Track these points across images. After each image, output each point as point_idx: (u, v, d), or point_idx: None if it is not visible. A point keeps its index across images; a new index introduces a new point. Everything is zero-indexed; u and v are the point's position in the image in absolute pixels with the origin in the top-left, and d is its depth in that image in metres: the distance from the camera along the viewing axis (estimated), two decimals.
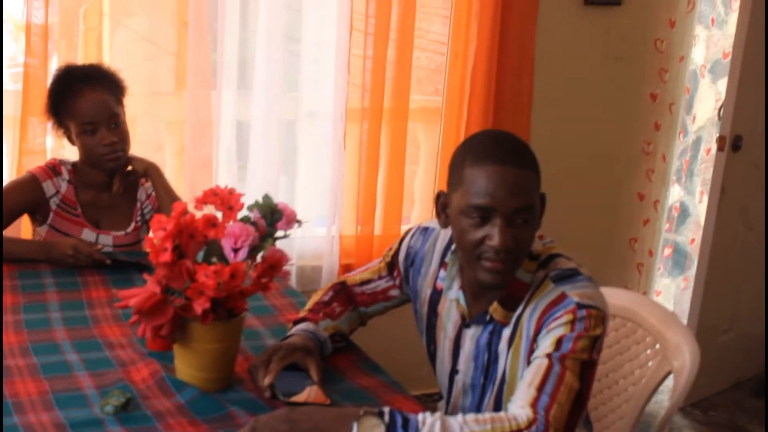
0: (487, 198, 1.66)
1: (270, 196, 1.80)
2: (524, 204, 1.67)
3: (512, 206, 1.66)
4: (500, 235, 1.65)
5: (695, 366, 1.99)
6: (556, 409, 1.58)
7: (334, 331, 1.97)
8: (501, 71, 3.44)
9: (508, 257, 1.68)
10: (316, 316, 1.97)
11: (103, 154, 2.51)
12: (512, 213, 1.66)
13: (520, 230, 1.68)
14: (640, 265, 4.05)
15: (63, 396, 1.71)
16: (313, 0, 3.23)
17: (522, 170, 1.68)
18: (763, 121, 3.62)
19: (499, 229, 1.65)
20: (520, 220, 1.68)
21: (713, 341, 3.78)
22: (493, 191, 1.65)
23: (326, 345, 1.93)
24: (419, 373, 2.61)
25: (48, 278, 2.34)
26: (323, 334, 1.93)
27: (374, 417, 1.50)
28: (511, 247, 1.67)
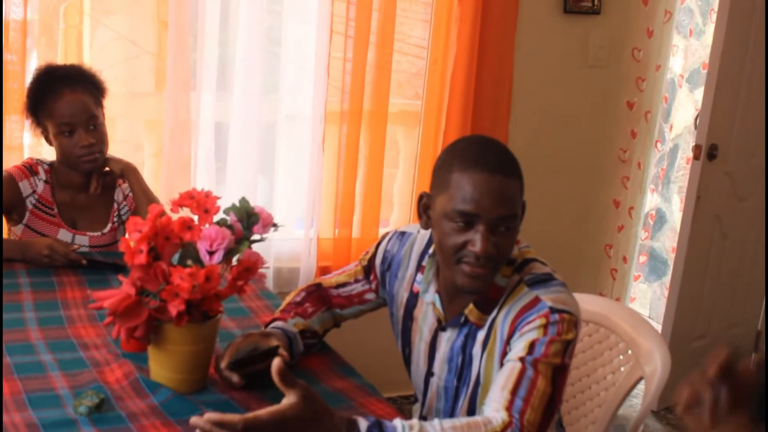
0: (472, 204, 1.67)
1: (246, 199, 1.81)
2: (508, 213, 1.69)
3: (496, 214, 1.67)
4: (482, 242, 1.67)
5: (666, 372, 2.01)
6: (530, 413, 1.59)
7: (304, 327, 1.96)
8: (480, 77, 3.45)
9: (488, 263, 1.69)
10: (286, 315, 1.97)
11: (80, 155, 2.50)
12: (496, 221, 1.68)
13: (502, 238, 1.70)
14: (614, 271, 4.08)
15: (36, 396, 1.70)
16: (294, 2, 3.24)
17: (508, 179, 1.69)
18: (738, 130, 3.65)
19: (482, 235, 1.67)
20: (502, 228, 1.69)
21: (687, 347, 3.81)
22: (479, 198, 1.67)
23: (296, 340, 1.91)
24: (394, 376, 2.62)
25: (23, 278, 2.33)
26: (293, 329, 1.93)
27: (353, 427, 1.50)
28: (492, 254, 1.68)
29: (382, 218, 3.49)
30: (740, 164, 3.72)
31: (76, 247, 2.52)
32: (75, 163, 2.52)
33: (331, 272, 2.17)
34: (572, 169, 3.88)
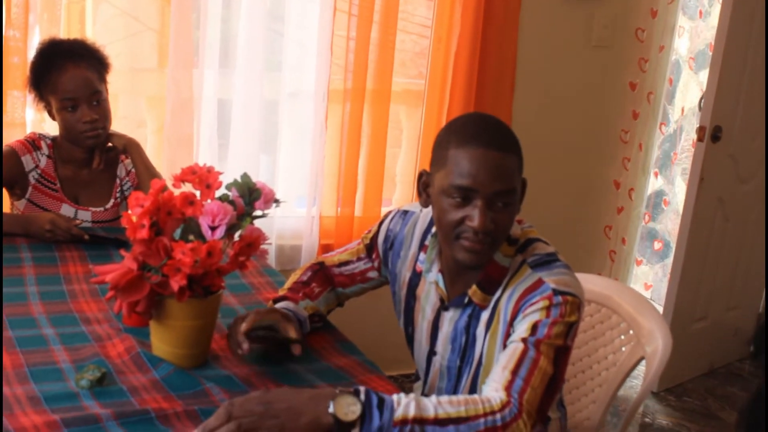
0: (469, 179, 1.67)
1: (248, 175, 1.80)
2: (505, 188, 1.68)
3: (493, 189, 1.67)
4: (480, 217, 1.67)
5: (667, 352, 2.01)
6: (530, 393, 1.59)
7: (313, 311, 1.98)
8: (484, 56, 3.45)
9: (486, 238, 1.70)
10: (295, 296, 1.97)
11: (83, 131, 2.49)
12: (493, 196, 1.68)
13: (500, 213, 1.70)
14: (613, 253, 4.08)
15: (38, 369, 1.71)
16: None
17: (505, 154, 1.69)
18: (743, 112, 3.64)
19: (480, 210, 1.67)
20: (500, 203, 1.69)
21: (688, 328, 3.82)
22: (475, 173, 1.67)
23: (305, 324, 1.93)
24: (395, 355, 2.63)
25: (25, 252, 2.33)
26: (303, 313, 1.94)
27: (350, 396, 1.51)
28: (490, 229, 1.69)
29: (385, 197, 3.49)
30: (743, 146, 3.72)
31: (79, 222, 2.51)
32: (78, 138, 2.51)
33: (333, 250, 2.17)
34: (573, 148, 3.88)
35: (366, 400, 1.50)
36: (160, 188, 1.69)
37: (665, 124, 4.31)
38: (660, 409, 3.74)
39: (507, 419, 1.55)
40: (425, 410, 1.51)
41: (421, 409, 1.51)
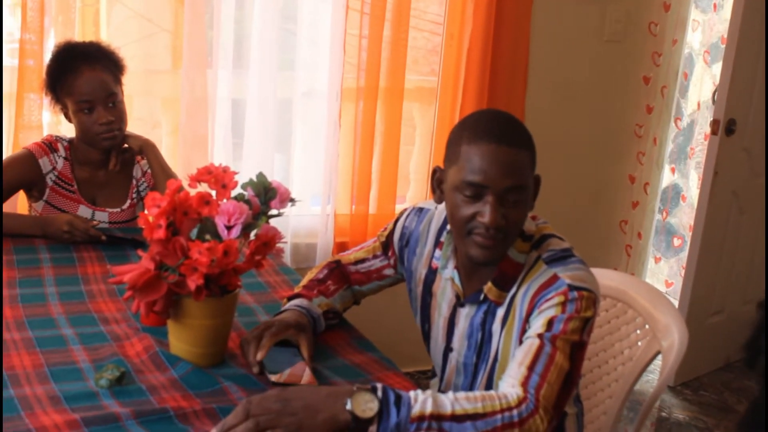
0: (480, 175, 1.67)
1: (264, 174, 1.81)
2: (516, 183, 1.68)
3: (504, 185, 1.67)
4: (491, 213, 1.67)
5: (683, 346, 2.00)
6: (546, 389, 1.59)
7: (327, 308, 1.98)
8: (496, 53, 3.44)
9: (497, 234, 1.69)
10: (310, 293, 1.98)
11: (99, 132, 2.50)
12: (504, 192, 1.67)
13: (511, 209, 1.70)
14: (629, 247, 4.07)
15: (58, 369, 1.72)
16: None
17: (517, 150, 1.69)
18: (756, 105, 3.62)
19: (491, 206, 1.67)
20: (511, 199, 1.69)
21: (704, 322, 3.81)
22: (486, 169, 1.67)
23: (319, 321, 1.94)
24: (411, 351, 2.63)
25: (44, 253, 2.35)
26: (317, 310, 1.94)
27: (368, 393, 1.51)
28: (501, 225, 1.68)
29: (399, 194, 3.50)
30: (757, 140, 3.70)
31: (96, 223, 2.53)
32: (94, 140, 2.53)
33: (349, 248, 2.17)
34: (587, 144, 3.87)
35: (383, 397, 1.50)
36: (176, 188, 1.69)
37: (680, 119, 4.30)
38: (676, 403, 3.73)
39: (524, 415, 1.55)
40: (442, 407, 1.51)
41: (438, 406, 1.51)
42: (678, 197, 4.50)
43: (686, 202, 4.42)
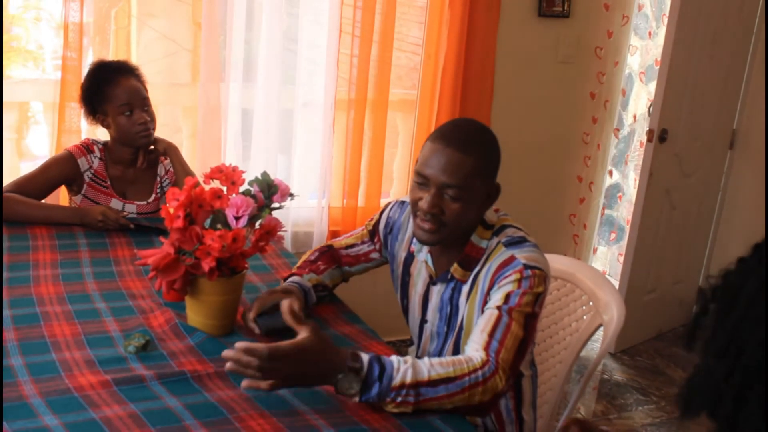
0: (424, 168, 1.70)
1: (267, 173, 1.81)
2: (453, 182, 1.68)
3: (441, 181, 1.68)
4: (428, 201, 1.69)
5: (621, 320, 2.01)
6: (504, 353, 1.60)
7: (317, 282, 1.97)
8: (467, 71, 3.44)
9: (434, 220, 1.70)
10: (302, 271, 1.99)
11: (138, 131, 2.50)
12: (442, 186, 1.69)
13: (448, 203, 1.70)
14: (576, 236, 4.08)
15: (93, 337, 1.72)
16: (309, 6, 3.21)
17: (462, 155, 1.68)
18: (685, 117, 3.64)
19: (430, 195, 1.69)
20: (448, 194, 1.69)
21: (640, 300, 3.83)
22: (430, 164, 1.69)
23: (310, 293, 1.93)
24: (392, 323, 2.63)
25: (81, 239, 2.34)
26: (307, 284, 1.94)
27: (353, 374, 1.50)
28: (435, 213, 1.70)
29: (384, 190, 3.49)
30: (686, 146, 3.72)
31: (126, 213, 2.52)
32: (134, 138, 2.51)
33: (341, 236, 2.17)
34: (543, 148, 3.88)
35: (368, 371, 1.50)
36: (193, 185, 1.69)
37: (620, 129, 4.31)
38: (616, 367, 3.75)
39: (487, 375, 1.56)
40: (420, 374, 1.52)
41: (417, 373, 1.51)
42: (617, 195, 4.52)
43: (625, 199, 4.44)
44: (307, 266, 2.01)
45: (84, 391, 1.50)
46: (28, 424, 1.38)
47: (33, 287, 1.96)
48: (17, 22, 3.28)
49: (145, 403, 1.47)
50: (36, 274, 2.04)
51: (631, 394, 3.50)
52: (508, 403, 1.90)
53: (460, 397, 1.53)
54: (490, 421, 1.90)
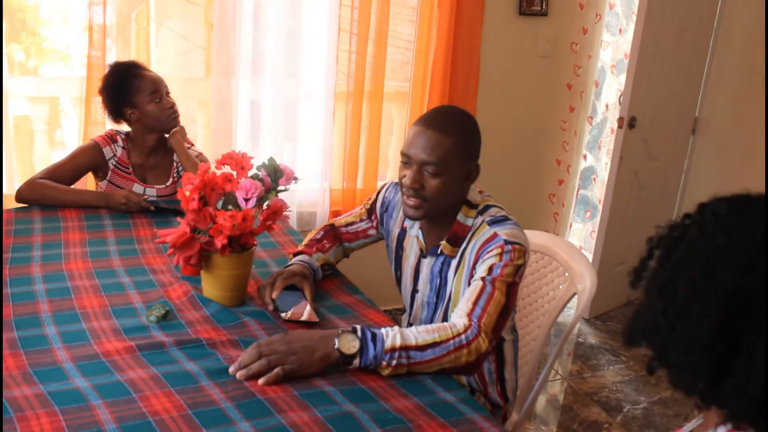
0: (407, 148, 1.71)
1: (274, 159, 1.81)
2: (432, 160, 1.68)
3: (421, 158, 1.69)
4: (409, 177, 1.70)
5: (594, 289, 2.02)
6: (486, 318, 1.61)
7: (324, 261, 1.98)
8: (455, 65, 3.43)
9: (416, 195, 1.71)
10: (310, 250, 1.98)
11: (169, 115, 2.50)
12: (422, 164, 1.69)
13: (429, 180, 1.70)
14: (556, 215, 4.09)
15: (118, 308, 1.73)
16: (311, 8, 3.19)
17: (440, 136, 1.68)
18: (652, 106, 3.63)
19: (411, 172, 1.70)
20: (429, 171, 1.70)
21: (611, 271, 3.84)
22: (412, 144, 1.70)
23: (318, 272, 1.94)
24: (388, 294, 2.64)
25: (107, 220, 2.34)
26: (316, 263, 1.95)
27: (351, 334, 1.52)
28: (416, 188, 1.70)
29: (380, 173, 3.49)
30: (653, 132, 3.71)
31: (146, 196, 2.52)
32: (165, 122, 2.51)
33: (341, 215, 2.18)
34: (524, 134, 3.87)
35: (362, 336, 1.51)
36: (206, 170, 1.69)
37: (593, 117, 4.30)
38: (590, 331, 3.77)
39: (470, 337, 1.57)
40: (408, 339, 1.52)
41: (405, 339, 1.52)
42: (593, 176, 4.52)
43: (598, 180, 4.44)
44: (314, 245, 2.01)
45: (110, 356, 1.50)
46: (61, 385, 1.39)
47: (64, 264, 1.97)
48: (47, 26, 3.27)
49: (165, 366, 1.48)
50: (67, 252, 2.05)
51: (603, 356, 3.52)
52: (490, 366, 1.91)
53: (447, 358, 1.54)
54: (475, 381, 1.92)
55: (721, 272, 0.91)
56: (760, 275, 0.89)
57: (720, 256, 0.92)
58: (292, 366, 1.47)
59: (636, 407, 3.10)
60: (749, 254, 0.90)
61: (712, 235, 0.93)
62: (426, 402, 1.44)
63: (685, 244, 0.97)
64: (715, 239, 0.93)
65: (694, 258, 0.95)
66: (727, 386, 0.90)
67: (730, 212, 0.94)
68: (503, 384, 1.94)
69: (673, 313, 0.95)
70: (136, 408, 1.33)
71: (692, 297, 0.93)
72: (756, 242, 0.90)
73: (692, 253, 0.95)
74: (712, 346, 0.91)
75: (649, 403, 3.13)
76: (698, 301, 0.92)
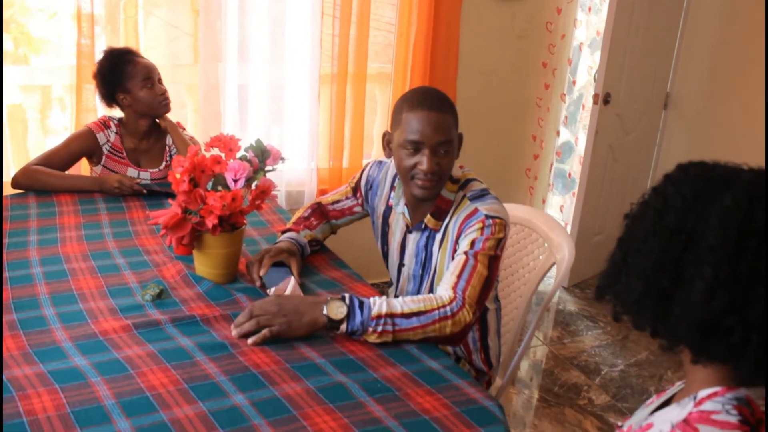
0: (418, 135, 1.67)
1: (261, 140, 1.79)
2: (444, 138, 1.68)
3: (436, 140, 1.67)
4: (428, 162, 1.68)
5: (572, 258, 2.03)
6: (470, 290, 1.61)
7: (311, 237, 1.98)
8: (435, 46, 3.40)
9: (433, 177, 1.70)
10: (298, 227, 1.98)
11: (161, 101, 2.47)
12: (436, 145, 1.68)
13: (442, 158, 1.70)
14: (531, 188, 4.09)
15: (114, 289, 1.72)
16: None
17: (443, 114, 1.69)
18: (625, 82, 3.62)
19: (427, 157, 1.68)
20: (442, 151, 1.69)
21: (589, 241, 3.85)
22: (422, 130, 1.67)
23: (306, 248, 1.94)
24: (374, 268, 2.64)
25: (101, 204, 2.32)
26: (303, 240, 1.94)
27: (339, 301, 1.52)
28: (435, 170, 1.69)
29: (365, 152, 3.47)
30: (626, 107, 3.71)
31: (140, 180, 2.49)
32: (157, 108, 2.47)
33: (328, 193, 2.17)
34: (502, 111, 3.85)
35: (350, 303, 1.52)
36: (196, 153, 1.68)
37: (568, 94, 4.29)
38: (569, 299, 3.79)
39: (455, 309, 1.57)
40: (394, 308, 1.53)
41: (391, 307, 1.52)
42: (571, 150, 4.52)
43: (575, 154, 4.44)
44: (302, 222, 2.00)
45: (108, 335, 1.50)
46: (61, 364, 1.38)
47: (60, 247, 1.95)
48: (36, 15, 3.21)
49: (161, 343, 1.47)
50: (63, 236, 2.03)
51: (581, 322, 3.55)
52: (474, 335, 1.92)
53: (432, 327, 1.54)
54: (460, 349, 1.93)
55: (666, 216, 0.99)
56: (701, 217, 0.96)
57: (666, 204, 1.00)
58: (280, 328, 1.48)
59: (613, 369, 3.13)
60: (689, 199, 0.98)
61: (661, 191, 1.03)
62: (413, 370, 1.44)
63: (643, 204, 1.06)
64: (663, 192, 1.02)
65: (646, 210, 1.03)
66: (673, 315, 0.97)
67: (680, 172, 1.02)
68: (487, 351, 1.95)
69: (630, 259, 1.04)
70: (134, 384, 1.33)
71: (643, 240, 1.01)
72: (695, 189, 0.98)
73: (646, 208, 1.04)
74: (655, 279, 0.99)
75: (625, 366, 3.16)
76: (647, 243, 1.01)
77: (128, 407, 1.26)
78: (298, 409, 1.28)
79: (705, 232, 0.95)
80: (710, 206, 0.95)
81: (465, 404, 1.34)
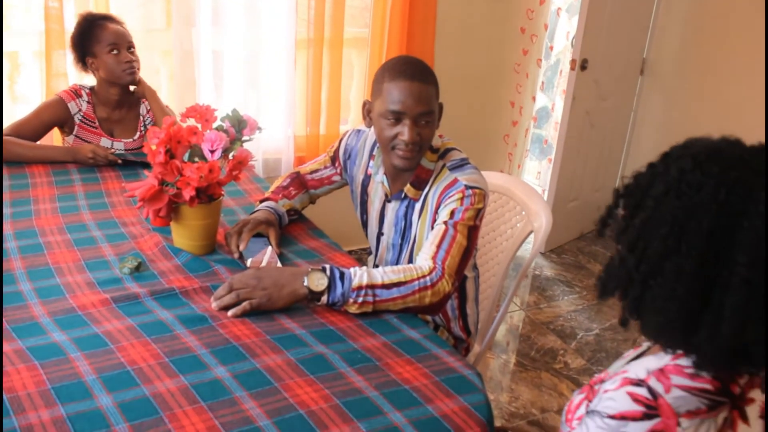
0: (399, 105, 1.66)
1: (237, 110, 1.77)
2: (426, 109, 1.68)
3: (417, 110, 1.66)
4: (409, 132, 1.67)
5: (549, 225, 2.05)
6: (450, 260, 1.62)
7: (289, 207, 1.97)
8: (412, 10, 3.36)
9: (414, 147, 1.70)
10: (276, 197, 1.97)
11: (124, 69, 2.41)
12: (417, 116, 1.67)
13: (423, 129, 1.70)
14: (510, 155, 4.10)
15: (91, 262, 1.70)
16: None
17: (425, 85, 1.68)
18: (603, 48, 3.62)
19: (408, 128, 1.67)
20: (423, 121, 1.69)
21: (565, 206, 3.89)
22: (404, 100, 1.66)
23: (284, 217, 1.93)
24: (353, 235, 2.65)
25: (75, 175, 2.29)
26: (281, 209, 1.93)
27: (319, 272, 1.52)
28: (417, 141, 1.69)
29: (342, 118, 3.45)
30: (603, 73, 3.71)
31: (114, 150, 2.46)
32: (120, 76, 2.42)
33: (306, 162, 2.15)
34: (480, 77, 3.84)
35: (331, 274, 1.52)
36: (172, 124, 1.65)
37: (545, 60, 4.28)
38: (546, 264, 3.84)
39: (435, 279, 1.58)
40: (374, 278, 1.53)
41: (372, 278, 1.53)
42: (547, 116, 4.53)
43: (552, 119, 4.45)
44: (280, 191, 1.99)
45: (86, 309, 1.49)
46: (39, 340, 1.37)
47: (35, 220, 1.92)
48: None
49: (140, 317, 1.47)
50: (37, 209, 2.00)
51: (558, 287, 3.59)
52: (453, 303, 1.93)
53: (412, 298, 1.55)
54: (439, 318, 1.95)
55: (690, 233, 0.92)
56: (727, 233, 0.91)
57: (687, 215, 0.93)
58: (260, 300, 1.49)
59: (589, 334, 3.18)
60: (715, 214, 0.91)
61: (678, 193, 0.94)
62: (393, 340, 1.46)
63: (652, 201, 0.97)
64: (681, 198, 0.94)
65: (662, 216, 0.95)
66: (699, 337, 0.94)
67: (695, 168, 0.95)
68: (465, 318, 1.97)
69: (647, 270, 0.97)
70: (114, 358, 1.32)
71: (665, 255, 0.94)
72: (719, 200, 0.91)
73: (660, 212, 0.96)
74: (686, 302, 0.94)
75: (600, 330, 3.22)
76: (672, 260, 0.94)
77: (109, 382, 1.26)
78: (279, 381, 1.29)
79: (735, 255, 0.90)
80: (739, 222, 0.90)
81: (444, 373, 1.36)
